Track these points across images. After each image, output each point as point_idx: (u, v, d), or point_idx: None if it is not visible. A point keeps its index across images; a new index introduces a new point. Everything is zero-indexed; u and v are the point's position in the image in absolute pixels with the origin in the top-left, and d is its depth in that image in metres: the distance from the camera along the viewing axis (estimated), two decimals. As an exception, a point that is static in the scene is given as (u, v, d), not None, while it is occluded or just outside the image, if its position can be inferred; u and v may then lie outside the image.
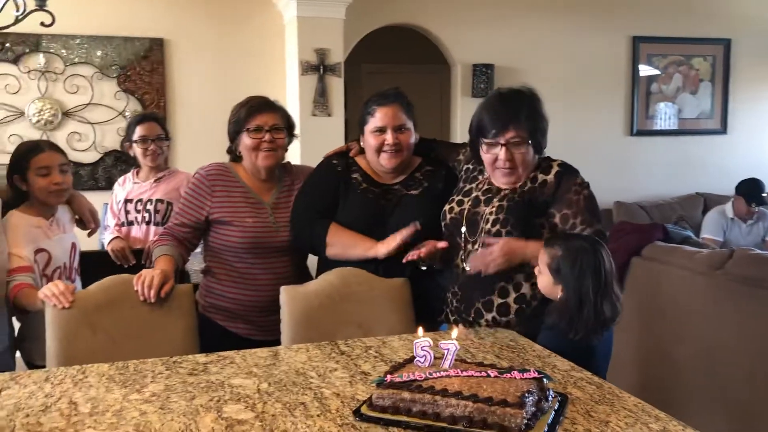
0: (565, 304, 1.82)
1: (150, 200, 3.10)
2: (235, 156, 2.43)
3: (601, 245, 1.88)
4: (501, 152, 2.03)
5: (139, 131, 3.14)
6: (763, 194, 4.79)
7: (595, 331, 1.81)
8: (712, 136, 6.05)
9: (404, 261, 2.11)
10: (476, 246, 2.07)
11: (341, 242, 2.26)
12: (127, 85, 4.59)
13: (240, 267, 2.33)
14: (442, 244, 2.10)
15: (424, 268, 2.18)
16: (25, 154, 2.37)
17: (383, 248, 2.17)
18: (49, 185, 2.35)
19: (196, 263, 3.15)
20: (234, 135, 2.38)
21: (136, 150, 3.15)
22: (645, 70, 5.80)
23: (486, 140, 2.06)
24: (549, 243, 1.92)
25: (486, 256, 1.97)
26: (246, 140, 2.33)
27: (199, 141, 4.54)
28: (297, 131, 2.50)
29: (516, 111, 2.04)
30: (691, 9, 5.82)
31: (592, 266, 1.82)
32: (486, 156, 2.09)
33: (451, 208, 2.18)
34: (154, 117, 3.36)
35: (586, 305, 1.79)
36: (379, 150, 2.27)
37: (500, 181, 2.11)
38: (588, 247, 1.85)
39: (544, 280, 1.91)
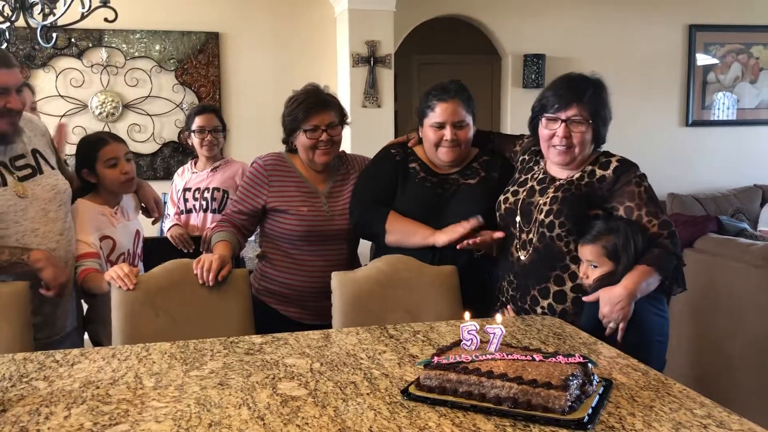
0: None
1: (207, 188, 3.22)
2: (291, 147, 2.49)
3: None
4: (560, 129, 2.05)
5: (197, 122, 3.25)
6: None
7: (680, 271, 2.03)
8: (773, 126, 5.89)
9: (458, 248, 2.16)
10: (530, 236, 2.10)
11: (401, 229, 2.32)
12: (185, 78, 4.74)
13: (294, 253, 2.41)
14: (498, 234, 2.15)
15: (478, 255, 2.23)
16: (92, 147, 2.46)
17: (444, 237, 2.22)
18: (119, 175, 2.45)
19: (250, 250, 3.26)
20: (290, 132, 2.43)
21: (194, 140, 3.27)
22: (702, 59, 5.67)
23: (547, 114, 2.09)
24: (589, 240, 1.97)
25: (613, 306, 1.89)
26: (303, 139, 2.39)
27: (253, 132, 4.67)
28: (348, 121, 2.56)
29: (581, 91, 2.06)
30: (751, -4, 5.67)
31: (633, 228, 1.96)
32: (544, 132, 2.11)
33: (506, 198, 2.21)
34: (212, 109, 3.48)
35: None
36: (438, 144, 2.31)
37: (554, 160, 2.12)
38: (615, 221, 1.99)
39: (599, 272, 1.96)
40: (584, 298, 1.97)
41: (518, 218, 2.14)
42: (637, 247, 1.93)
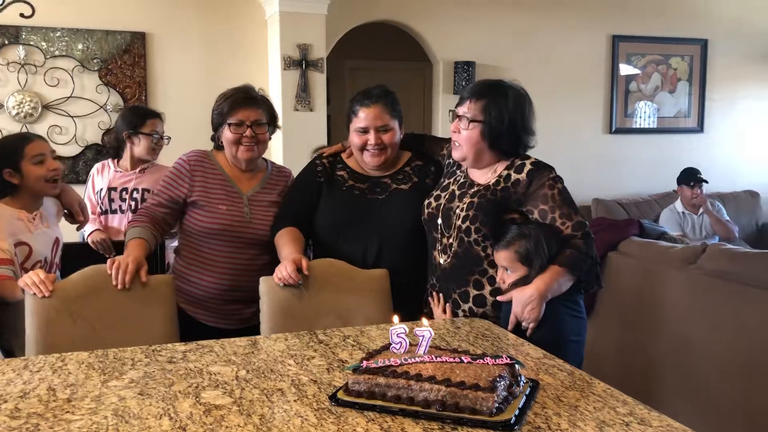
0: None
1: (136, 189, 3.12)
2: (218, 144, 2.47)
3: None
4: (453, 124, 2.12)
5: (152, 126, 3.19)
6: (699, 175, 4.91)
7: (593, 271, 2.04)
8: (689, 134, 6.15)
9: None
10: (450, 240, 2.11)
11: (277, 246, 2.30)
12: (109, 78, 4.58)
13: (206, 252, 2.36)
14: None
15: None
16: (16, 144, 2.36)
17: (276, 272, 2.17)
18: (47, 172, 2.37)
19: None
20: (216, 126, 2.42)
21: (140, 141, 3.16)
22: (624, 69, 5.87)
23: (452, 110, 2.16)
24: (502, 246, 1.99)
25: (524, 306, 1.93)
26: (227, 134, 2.37)
27: (180, 135, 4.50)
28: (279, 124, 2.53)
29: (480, 91, 2.10)
30: (670, 9, 5.92)
31: (545, 231, 1.97)
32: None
33: (429, 203, 2.22)
34: (159, 114, 3.38)
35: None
36: (363, 148, 2.32)
37: (455, 156, 2.16)
38: (528, 225, 2.00)
39: (514, 276, 1.98)
40: (498, 297, 2.02)
41: (439, 221, 2.16)
42: (550, 249, 1.95)
